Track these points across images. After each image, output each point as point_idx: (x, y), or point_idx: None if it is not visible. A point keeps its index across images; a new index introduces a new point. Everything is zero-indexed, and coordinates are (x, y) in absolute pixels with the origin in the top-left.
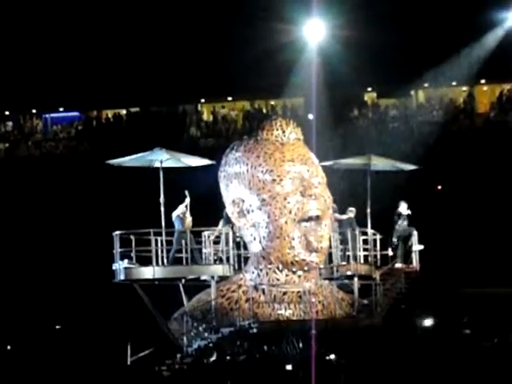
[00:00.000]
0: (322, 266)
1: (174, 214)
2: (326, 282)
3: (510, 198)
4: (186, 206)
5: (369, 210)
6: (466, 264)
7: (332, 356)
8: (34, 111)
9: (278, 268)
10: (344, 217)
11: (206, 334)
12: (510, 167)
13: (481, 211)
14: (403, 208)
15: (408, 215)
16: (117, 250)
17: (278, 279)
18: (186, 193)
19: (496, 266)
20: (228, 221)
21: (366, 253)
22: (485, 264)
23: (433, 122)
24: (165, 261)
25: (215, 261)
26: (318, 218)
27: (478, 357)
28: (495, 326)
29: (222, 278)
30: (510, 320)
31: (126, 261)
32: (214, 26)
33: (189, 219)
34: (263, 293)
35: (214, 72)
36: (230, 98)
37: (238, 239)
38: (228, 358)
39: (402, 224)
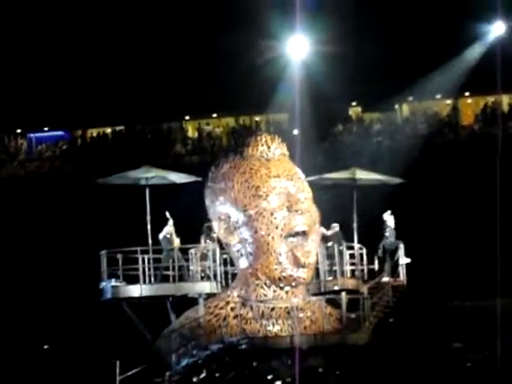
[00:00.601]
0: (309, 282)
1: (161, 236)
2: (314, 297)
3: (494, 211)
4: (171, 227)
5: (355, 225)
6: (453, 277)
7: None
8: (18, 131)
9: (265, 284)
10: (329, 232)
11: (194, 352)
12: (495, 179)
13: (466, 224)
14: (388, 218)
15: (395, 229)
16: (104, 268)
17: (265, 295)
18: (168, 215)
19: (485, 279)
20: (209, 236)
21: (352, 267)
22: (474, 277)
23: (418, 136)
24: (152, 279)
25: (202, 278)
26: (304, 233)
27: (469, 370)
28: (483, 339)
29: (210, 295)
30: (497, 333)
31: (113, 279)
32: (198, 44)
33: (177, 240)
34: (251, 309)
35: (199, 89)
36: (214, 115)
37: (224, 255)
38: (217, 374)
39: (389, 237)
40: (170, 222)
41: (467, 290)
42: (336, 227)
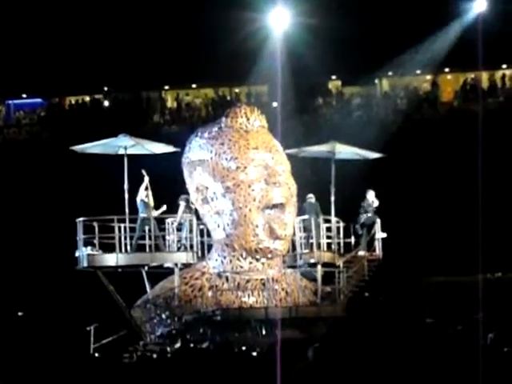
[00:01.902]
0: (285, 254)
1: (138, 199)
2: (290, 269)
3: (473, 187)
4: (147, 187)
5: (333, 198)
6: (429, 252)
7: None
8: None
9: (241, 255)
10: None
11: (169, 322)
12: (474, 156)
13: (444, 200)
14: (371, 196)
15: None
16: (80, 236)
17: (241, 266)
18: (144, 172)
19: (459, 255)
20: (187, 207)
21: (329, 240)
22: (448, 253)
23: (397, 111)
24: (128, 248)
25: (179, 248)
26: (282, 205)
27: (441, 344)
28: (458, 314)
29: (186, 266)
30: (473, 308)
31: (89, 248)
32: (179, 14)
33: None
34: (227, 280)
35: (179, 59)
36: (194, 86)
37: (201, 226)
38: (191, 345)
39: (367, 212)
40: (146, 179)
41: (442, 265)
42: (311, 198)
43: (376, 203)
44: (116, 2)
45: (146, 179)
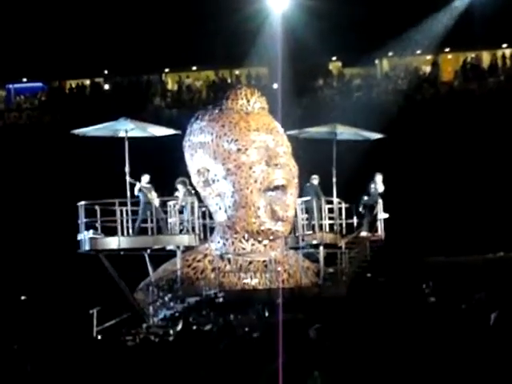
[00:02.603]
0: (287, 235)
1: (136, 190)
2: (292, 251)
3: (474, 167)
4: (150, 186)
5: (334, 179)
6: (430, 233)
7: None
8: None
9: (243, 237)
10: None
11: (171, 304)
12: (474, 136)
13: (445, 180)
14: (379, 180)
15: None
16: (82, 220)
17: (243, 248)
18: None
19: (461, 235)
20: (186, 189)
21: (331, 221)
22: (450, 233)
23: (397, 91)
24: (130, 231)
25: (181, 231)
26: (283, 187)
27: (444, 324)
28: (460, 293)
29: (188, 248)
30: (475, 288)
31: (91, 231)
32: None
33: (154, 194)
34: (229, 262)
35: (179, 42)
36: (194, 68)
37: (203, 209)
38: (194, 327)
39: (372, 194)
40: (146, 177)
41: (444, 245)
42: (315, 179)
43: (381, 188)
44: None
45: (146, 178)
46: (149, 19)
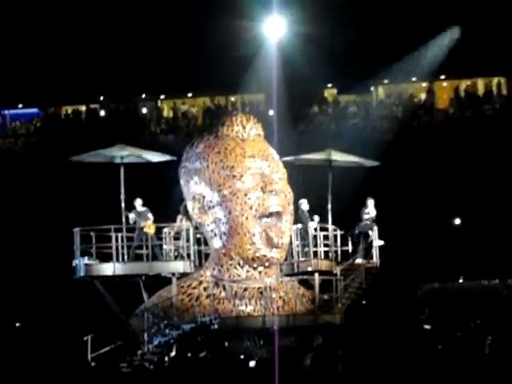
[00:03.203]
0: (282, 262)
1: (131, 220)
2: (287, 277)
3: (468, 194)
4: (145, 209)
5: (330, 206)
6: (426, 260)
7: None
8: None
9: (238, 264)
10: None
11: (166, 331)
12: (470, 163)
13: (440, 207)
14: (371, 205)
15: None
16: (77, 246)
17: (238, 275)
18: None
19: (456, 262)
20: (186, 216)
21: (326, 248)
22: (445, 260)
23: (393, 118)
24: (125, 257)
25: (176, 257)
26: (278, 213)
27: (438, 351)
28: (455, 320)
29: (183, 275)
30: (470, 314)
31: (86, 257)
32: (174, 23)
33: (151, 220)
34: (224, 289)
35: (175, 68)
36: (190, 95)
37: (198, 235)
38: (189, 354)
39: (365, 220)
40: (139, 201)
41: (439, 272)
42: (302, 204)
43: (373, 213)
44: (111, 12)
45: (138, 202)
46: (144, 46)
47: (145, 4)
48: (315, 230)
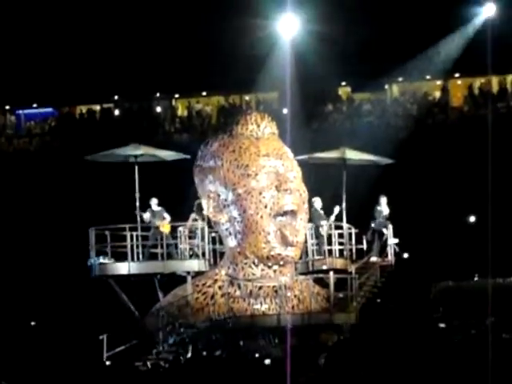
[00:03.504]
0: (297, 260)
1: (146, 219)
2: (302, 276)
3: (483, 192)
4: (161, 208)
5: (344, 204)
6: (441, 258)
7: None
8: (7, 107)
9: (253, 263)
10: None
11: (181, 330)
12: (484, 161)
13: (455, 205)
14: (383, 203)
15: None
16: (92, 245)
17: (253, 274)
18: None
19: (471, 259)
20: (201, 214)
21: (341, 247)
22: (460, 257)
23: (407, 116)
24: (140, 256)
25: (191, 256)
26: (293, 212)
27: (454, 349)
28: (470, 319)
29: (198, 273)
30: (485, 312)
31: (101, 256)
32: (188, 21)
33: (166, 219)
34: (239, 287)
35: (189, 67)
36: (204, 93)
37: (213, 234)
38: (204, 353)
39: (379, 218)
40: (154, 201)
41: (454, 270)
42: (315, 202)
43: (386, 211)
44: (126, 11)
45: (154, 201)
46: (158, 45)
47: (159, 3)
48: (330, 227)
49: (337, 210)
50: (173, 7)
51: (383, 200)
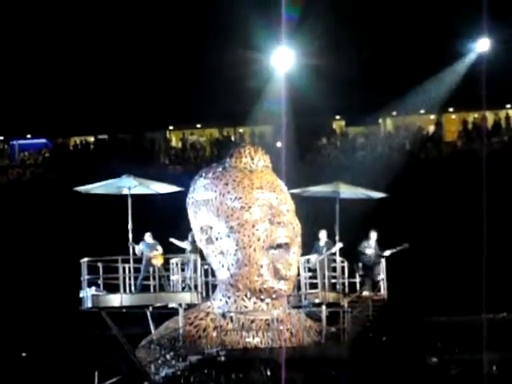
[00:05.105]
0: (290, 294)
1: (138, 251)
2: (294, 309)
3: (476, 227)
4: (154, 241)
5: (337, 238)
6: (434, 293)
7: None
8: (1, 138)
9: (246, 295)
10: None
11: (173, 362)
12: (478, 196)
13: (448, 240)
14: (373, 238)
15: (377, 241)
16: (84, 277)
17: (246, 307)
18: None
19: (463, 295)
20: (194, 245)
21: (334, 280)
22: (453, 293)
23: (401, 150)
24: (132, 288)
25: (183, 288)
26: (286, 245)
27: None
28: (461, 353)
29: (190, 306)
30: (476, 347)
31: (93, 288)
32: (183, 54)
33: (160, 251)
34: (231, 320)
35: (183, 99)
36: (198, 125)
37: (205, 266)
38: None
39: (370, 252)
40: (148, 235)
41: (447, 305)
42: (323, 233)
43: (373, 245)
44: (121, 43)
45: (148, 236)
46: (153, 77)
47: (153, 35)
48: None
49: (339, 245)
50: (169, 40)
51: (373, 235)
